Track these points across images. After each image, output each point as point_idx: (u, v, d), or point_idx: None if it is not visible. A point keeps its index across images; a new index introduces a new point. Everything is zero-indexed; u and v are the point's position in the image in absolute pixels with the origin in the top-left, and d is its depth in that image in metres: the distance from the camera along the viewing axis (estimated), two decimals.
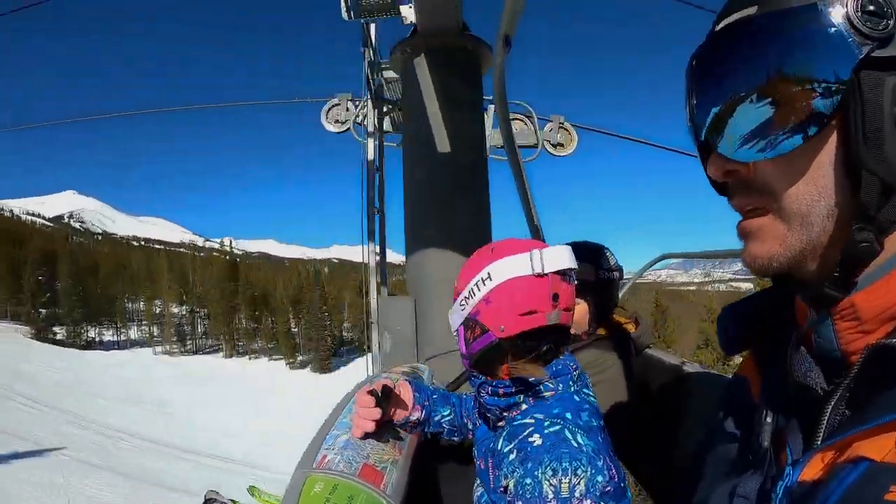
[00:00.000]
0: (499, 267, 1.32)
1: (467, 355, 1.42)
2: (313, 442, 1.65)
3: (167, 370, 59.74)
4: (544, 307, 1.31)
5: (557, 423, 1.23)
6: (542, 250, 1.32)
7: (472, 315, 1.36)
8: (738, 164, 0.65)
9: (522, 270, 1.30)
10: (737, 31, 0.63)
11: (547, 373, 1.34)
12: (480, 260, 1.37)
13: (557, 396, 1.32)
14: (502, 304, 1.32)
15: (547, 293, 1.31)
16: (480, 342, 1.36)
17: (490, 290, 1.32)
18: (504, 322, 1.31)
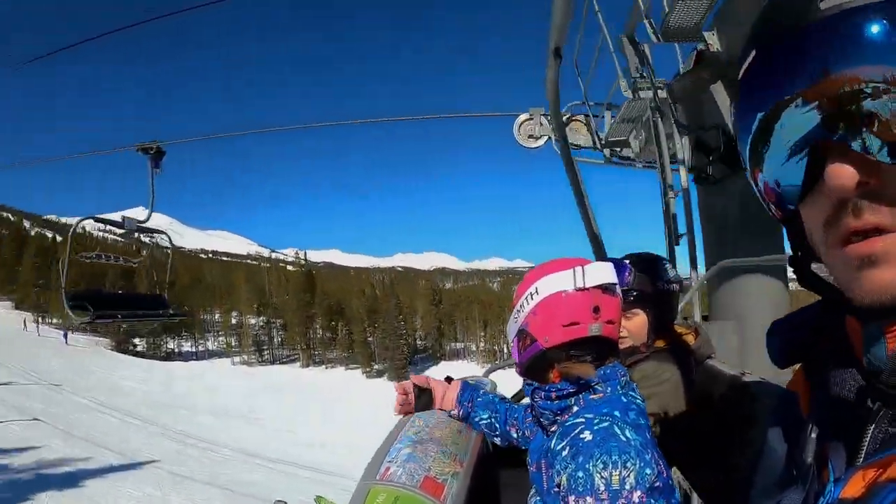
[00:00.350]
0: (545, 282, 1.48)
1: (519, 363, 1.59)
2: (377, 454, 1.76)
3: (248, 380, 61.12)
4: (586, 319, 1.44)
5: (606, 419, 1.35)
6: (584, 266, 1.46)
7: (523, 326, 1.52)
8: (879, 170, 0.54)
9: (565, 285, 1.46)
10: None
11: (596, 375, 1.46)
12: (531, 277, 1.53)
13: (606, 398, 1.43)
14: (547, 316, 1.47)
15: (588, 306, 1.45)
16: (530, 351, 1.52)
17: (537, 303, 1.49)
18: (549, 333, 1.47)
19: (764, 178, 0.62)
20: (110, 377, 47.66)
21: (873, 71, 0.49)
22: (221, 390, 52.20)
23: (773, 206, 0.64)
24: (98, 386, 41.53)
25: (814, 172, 0.55)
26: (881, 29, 0.48)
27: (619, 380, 1.47)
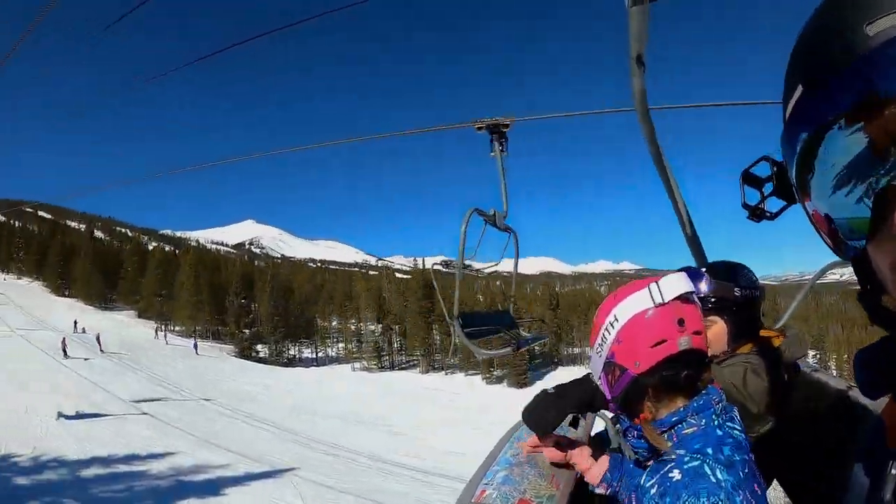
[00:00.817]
0: (622, 308, 1.43)
1: (612, 398, 1.52)
2: (474, 476, 1.80)
3: (371, 386, 61.38)
4: (673, 334, 1.39)
5: (697, 458, 1.30)
6: (657, 281, 1.42)
7: (609, 358, 1.46)
8: None
9: (644, 304, 1.40)
10: None
11: (689, 407, 1.42)
12: (607, 306, 1.48)
13: (700, 432, 1.39)
14: (632, 340, 1.41)
15: (671, 320, 1.40)
16: (621, 382, 1.45)
17: (619, 330, 1.43)
18: (638, 357, 1.40)
19: (813, 206, 0.61)
20: (238, 384, 49.30)
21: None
22: (346, 396, 52.83)
23: (827, 237, 0.62)
24: (228, 393, 41.95)
25: (882, 215, 0.53)
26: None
27: (713, 408, 1.41)
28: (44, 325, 57.66)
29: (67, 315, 67.09)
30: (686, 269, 2.23)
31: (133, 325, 74.30)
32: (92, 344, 48.69)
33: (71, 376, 36.97)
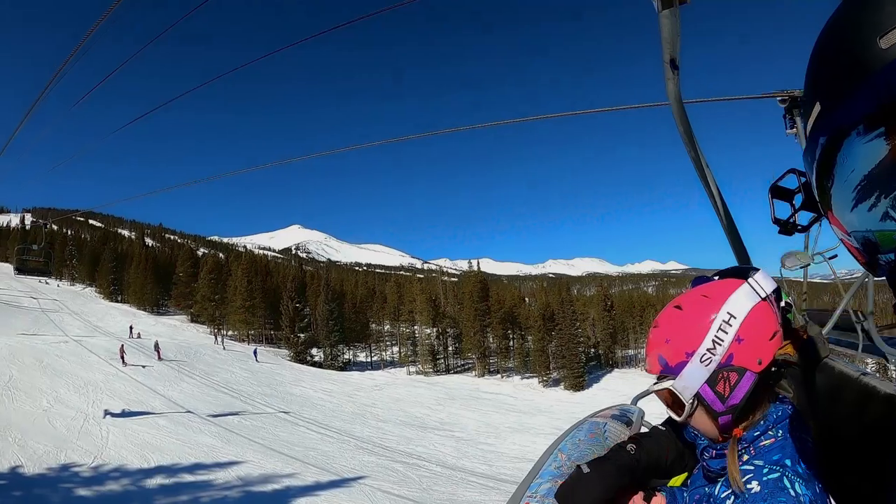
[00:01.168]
0: (735, 303, 1.38)
1: (729, 408, 1.37)
2: (518, 488, 1.77)
3: (429, 390, 60.39)
4: (778, 327, 1.39)
5: (777, 470, 1.29)
6: (753, 277, 1.42)
7: (724, 363, 1.36)
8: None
9: (754, 298, 1.38)
10: None
11: (769, 419, 1.40)
12: (701, 309, 1.40)
13: (779, 443, 1.37)
14: (755, 335, 1.36)
15: (775, 312, 1.40)
16: (742, 386, 1.35)
17: (739, 326, 1.35)
18: (760, 353, 1.36)
19: (837, 219, 0.60)
20: (299, 389, 48.72)
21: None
22: (407, 401, 51.93)
23: (854, 252, 0.60)
24: (289, 398, 41.55)
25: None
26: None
27: (790, 419, 1.40)
28: (99, 330, 58.26)
29: (121, 320, 67.99)
30: (738, 269, 1.78)
31: (186, 329, 75.02)
32: (149, 350, 48.47)
33: (130, 383, 36.81)
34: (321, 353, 75.11)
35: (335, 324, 76.15)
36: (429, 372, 75.10)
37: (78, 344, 46.10)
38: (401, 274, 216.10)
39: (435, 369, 76.10)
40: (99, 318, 67.81)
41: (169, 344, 53.16)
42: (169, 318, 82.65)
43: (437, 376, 73.96)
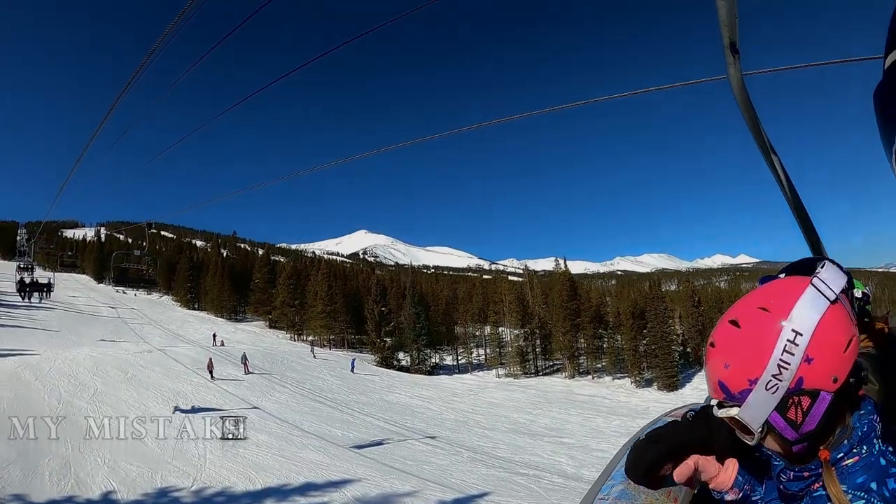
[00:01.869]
0: (800, 316, 1.17)
1: (804, 436, 1.22)
2: (590, 491, 1.79)
3: (525, 393, 57.65)
4: (853, 331, 1.21)
5: (861, 496, 1.17)
6: (818, 276, 1.22)
7: (794, 388, 1.18)
8: None
9: (822, 305, 1.18)
10: None
11: (854, 435, 1.24)
12: (763, 327, 1.20)
13: (862, 462, 1.22)
14: (826, 352, 1.17)
15: (848, 315, 1.21)
16: (817, 411, 1.19)
17: (807, 345, 1.16)
18: (835, 370, 1.18)
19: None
20: (395, 396, 46.33)
21: None
22: (506, 406, 49.20)
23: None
24: (387, 407, 39.93)
25: None
26: None
27: (875, 432, 1.23)
28: (180, 339, 57.83)
29: (200, 328, 68.08)
30: (806, 262, 1.62)
31: (266, 336, 74.68)
32: (235, 359, 46.65)
33: (221, 394, 35.12)
34: (407, 358, 73.83)
35: (422, 327, 74.84)
36: (518, 374, 72.52)
37: (162, 353, 45.12)
38: (469, 275, 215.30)
39: (524, 371, 73.47)
40: (178, 326, 68.05)
41: (253, 352, 51.60)
42: (247, 324, 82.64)
43: (526, 378, 71.37)
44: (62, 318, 60.19)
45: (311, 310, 76.59)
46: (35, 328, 51.86)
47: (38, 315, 58.40)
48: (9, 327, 49.70)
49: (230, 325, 77.52)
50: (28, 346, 41.86)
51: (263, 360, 50.13)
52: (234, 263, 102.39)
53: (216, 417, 26.17)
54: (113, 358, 40.00)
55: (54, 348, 42.25)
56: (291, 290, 79.53)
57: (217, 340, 57.14)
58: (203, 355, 44.65)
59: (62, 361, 36.32)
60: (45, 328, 52.75)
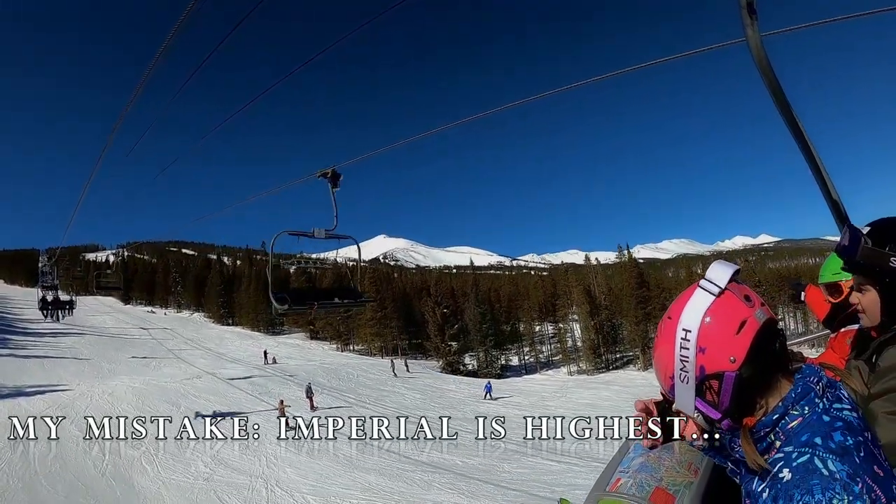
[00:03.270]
0: (686, 316, 1.36)
1: (723, 414, 1.38)
2: (609, 465, 1.77)
3: (608, 390, 49.70)
4: (746, 312, 1.33)
5: (806, 451, 1.24)
6: (705, 277, 1.37)
7: (700, 373, 1.36)
8: None
9: (705, 300, 1.35)
10: None
11: (788, 398, 1.35)
12: (666, 332, 1.40)
13: (805, 422, 1.31)
14: (715, 337, 1.33)
15: (738, 301, 1.34)
16: (726, 390, 1.34)
17: (696, 338, 1.34)
18: (730, 351, 1.32)
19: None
20: (483, 406, 38.86)
21: None
22: (600, 406, 41.65)
23: None
24: (487, 420, 31.46)
25: None
26: None
27: (814, 391, 1.33)
28: (224, 358, 51.61)
29: (241, 345, 62.41)
30: (849, 228, 1.91)
31: (311, 348, 69.05)
32: (295, 380, 39.69)
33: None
34: (474, 361, 67.85)
35: (488, 327, 68.85)
36: (590, 370, 66.55)
37: (213, 378, 38.74)
38: (492, 273, 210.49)
39: (595, 367, 67.34)
40: (217, 344, 62.13)
41: (310, 368, 45.53)
42: (287, 337, 77.09)
43: (600, 374, 65.07)
44: (92, 344, 53.92)
45: (360, 317, 69.77)
46: (63, 356, 45.61)
47: (66, 342, 52.60)
48: (35, 358, 43.20)
49: (270, 340, 71.45)
50: (58, 380, 35.60)
51: (328, 377, 43.28)
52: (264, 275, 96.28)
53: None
54: (158, 388, 33.86)
55: (88, 380, 36.11)
56: None
57: (268, 358, 50.75)
58: (258, 376, 38.31)
59: (100, 396, 30.17)
60: (74, 356, 46.48)
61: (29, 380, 34.91)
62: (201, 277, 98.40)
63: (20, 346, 49.03)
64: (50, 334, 53.46)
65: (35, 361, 41.75)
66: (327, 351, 68.28)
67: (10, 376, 35.55)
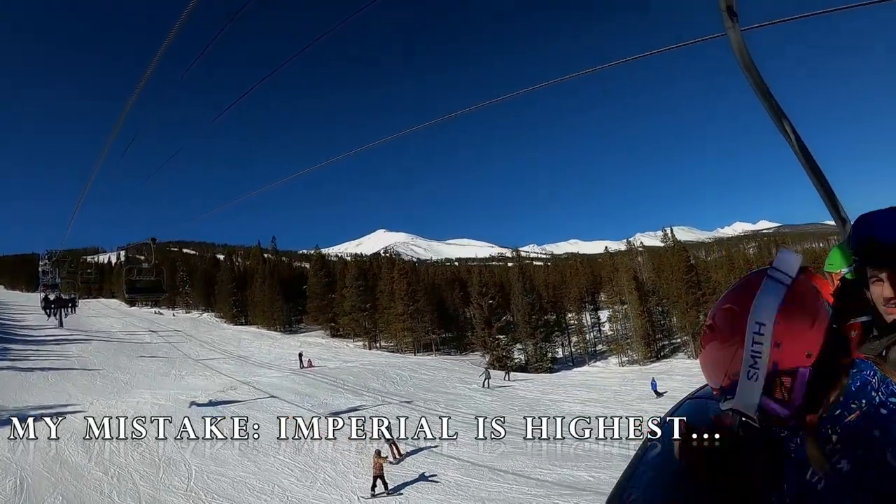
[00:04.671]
0: (760, 308, 1.27)
1: (795, 413, 1.30)
2: (621, 479, 1.72)
3: (672, 380, 44.71)
4: (818, 305, 1.28)
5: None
6: (773, 266, 1.31)
7: (772, 372, 1.27)
8: None
9: (778, 294, 1.28)
10: None
11: (847, 392, 1.27)
12: (732, 325, 1.31)
13: (862, 415, 1.25)
14: (792, 333, 1.26)
15: (810, 293, 1.30)
16: (798, 387, 1.28)
17: (772, 332, 1.26)
18: (807, 346, 1.27)
19: None
20: (566, 405, 33.10)
21: None
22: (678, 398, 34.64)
23: None
24: (570, 421, 25.92)
25: None
26: None
27: (872, 383, 1.25)
28: (250, 362, 45.73)
29: (262, 346, 57.03)
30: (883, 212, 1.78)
31: (338, 347, 62.97)
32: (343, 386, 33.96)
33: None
34: (522, 355, 61.92)
35: (538, 318, 63.29)
36: (641, 359, 61.73)
37: (251, 388, 32.63)
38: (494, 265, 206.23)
39: (646, 355, 62.47)
40: (237, 346, 56.33)
41: (355, 371, 39.81)
42: (305, 335, 71.02)
43: (652, 363, 60.29)
44: (101, 351, 47.52)
45: (389, 312, 65.46)
46: (72, 368, 39.30)
47: (72, 350, 46.39)
48: (40, 371, 36.91)
49: (289, 339, 66.10)
50: (67, 398, 29.57)
51: (379, 380, 37.10)
52: (282, 271, 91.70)
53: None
54: (188, 404, 27.98)
55: (102, 397, 30.14)
56: (361, 293, 68.31)
57: (304, 361, 44.11)
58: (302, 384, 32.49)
59: (122, 423, 23.73)
60: (82, 366, 40.10)
61: (32, 398, 29.00)
62: (210, 276, 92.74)
63: (21, 356, 42.55)
64: (53, 341, 47.55)
65: (39, 375, 35.59)
66: (355, 349, 62.56)
67: (10, 394, 29.58)
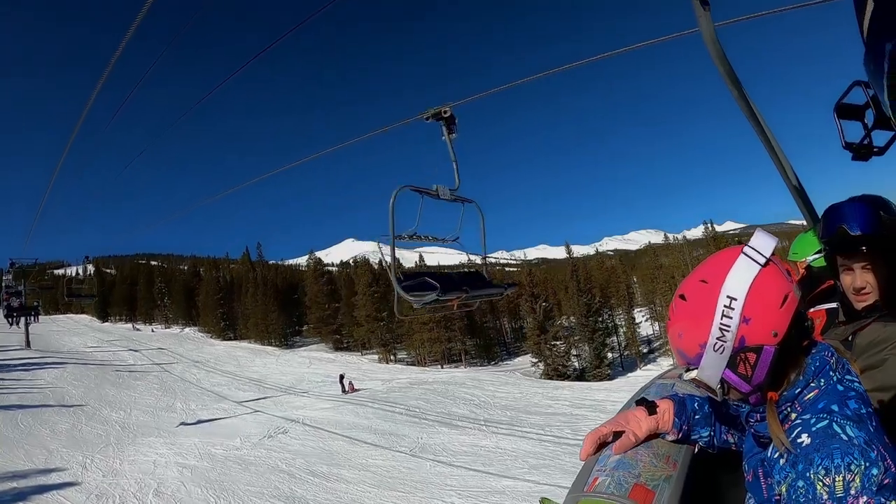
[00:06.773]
0: (733, 283, 1.29)
1: (755, 388, 1.35)
2: (586, 464, 1.71)
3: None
4: (788, 286, 1.31)
5: (824, 418, 1.23)
6: (749, 244, 1.32)
7: (738, 347, 1.30)
8: None
9: (753, 269, 1.29)
10: None
11: (807, 372, 1.33)
12: (703, 297, 1.32)
13: (822, 392, 1.31)
14: (762, 311, 1.29)
15: (781, 273, 1.32)
16: (763, 364, 1.31)
17: (742, 307, 1.28)
18: (773, 325, 1.29)
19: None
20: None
21: None
22: None
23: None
24: None
25: None
26: None
27: (829, 365, 1.32)
28: (265, 385, 36.81)
29: (265, 364, 47.51)
30: (859, 199, 1.92)
31: (356, 363, 53.22)
32: (417, 414, 25.04)
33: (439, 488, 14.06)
34: (575, 361, 55.08)
35: (594, 321, 56.81)
36: None
37: (303, 427, 23.43)
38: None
39: None
40: (237, 367, 46.39)
41: (411, 393, 31.03)
42: (307, 350, 62.82)
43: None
44: (80, 378, 36.13)
45: (413, 321, 56.97)
46: (46, 404, 28.34)
47: (45, 378, 35.08)
48: (3, 409, 25.83)
49: (291, 354, 56.68)
50: (47, 457, 19.60)
51: (459, 403, 27.05)
52: (275, 281, 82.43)
53: None
54: (235, 462, 18.82)
55: (97, 452, 20.49)
56: (377, 301, 60.63)
57: (346, 385, 34.23)
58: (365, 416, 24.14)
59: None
60: (59, 402, 29.18)
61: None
62: (191, 287, 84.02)
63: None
64: (21, 367, 36.68)
65: (3, 417, 24.93)
66: (372, 363, 53.87)
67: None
